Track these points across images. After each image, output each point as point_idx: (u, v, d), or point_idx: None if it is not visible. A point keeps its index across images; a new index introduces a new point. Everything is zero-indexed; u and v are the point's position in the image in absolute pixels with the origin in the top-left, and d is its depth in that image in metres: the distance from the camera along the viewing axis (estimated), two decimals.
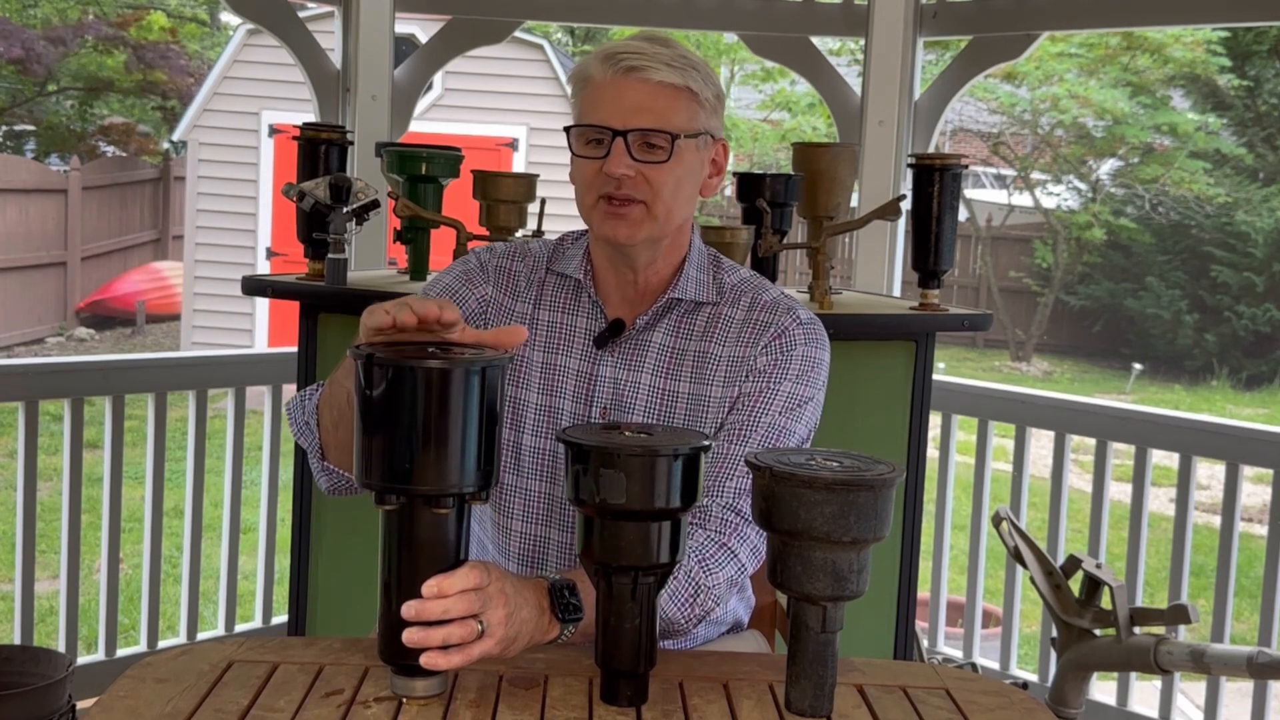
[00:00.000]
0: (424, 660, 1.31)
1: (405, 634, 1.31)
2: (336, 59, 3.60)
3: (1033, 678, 3.44)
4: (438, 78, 8.36)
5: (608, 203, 1.64)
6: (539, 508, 1.71)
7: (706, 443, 1.35)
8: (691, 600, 1.56)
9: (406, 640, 1.31)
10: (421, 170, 2.88)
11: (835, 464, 1.32)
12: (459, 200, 3.08)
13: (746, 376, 1.68)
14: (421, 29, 8.15)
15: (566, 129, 1.66)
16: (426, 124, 8.97)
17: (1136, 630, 2.06)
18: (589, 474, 1.30)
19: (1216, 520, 3.41)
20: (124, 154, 15.27)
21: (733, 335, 1.70)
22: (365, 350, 1.31)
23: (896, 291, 3.59)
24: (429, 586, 1.30)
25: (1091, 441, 3.41)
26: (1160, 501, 6.21)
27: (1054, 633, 2.22)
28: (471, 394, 1.30)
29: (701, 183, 1.70)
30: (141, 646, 3.37)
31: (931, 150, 3.66)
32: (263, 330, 10.25)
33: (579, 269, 1.73)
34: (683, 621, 1.57)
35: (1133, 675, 3.31)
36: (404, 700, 1.35)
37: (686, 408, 1.69)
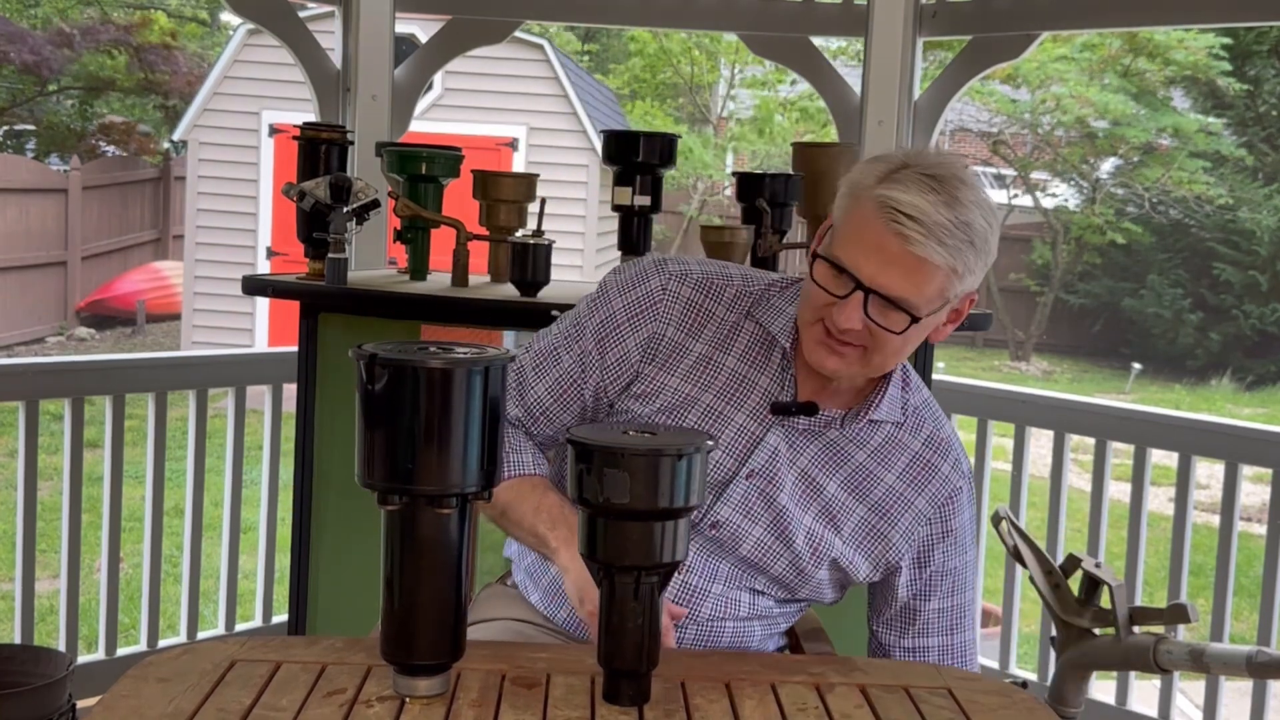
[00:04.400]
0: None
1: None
2: (336, 59, 3.60)
3: (1032, 677, 3.44)
4: (438, 78, 8.36)
5: (826, 334, 1.56)
6: None
7: (710, 443, 1.35)
8: None
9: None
10: (421, 170, 2.88)
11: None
12: (459, 200, 3.08)
13: (931, 543, 1.69)
14: (421, 29, 8.15)
15: (815, 254, 1.56)
16: (426, 124, 8.97)
17: (1136, 629, 2.06)
18: (593, 473, 1.30)
19: (1216, 520, 3.41)
20: (124, 154, 15.26)
21: (902, 465, 1.68)
22: (368, 350, 1.31)
23: None
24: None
25: (1091, 441, 3.41)
26: (1160, 501, 6.21)
27: (1053, 632, 2.22)
28: (474, 393, 1.30)
29: (934, 330, 1.61)
30: (142, 646, 3.37)
31: (931, 150, 3.66)
32: (263, 330, 10.25)
33: (785, 332, 1.64)
34: None
35: (1132, 674, 3.31)
36: (406, 699, 1.35)
37: (825, 507, 1.66)
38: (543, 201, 2.89)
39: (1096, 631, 2.13)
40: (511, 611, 1.76)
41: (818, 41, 3.76)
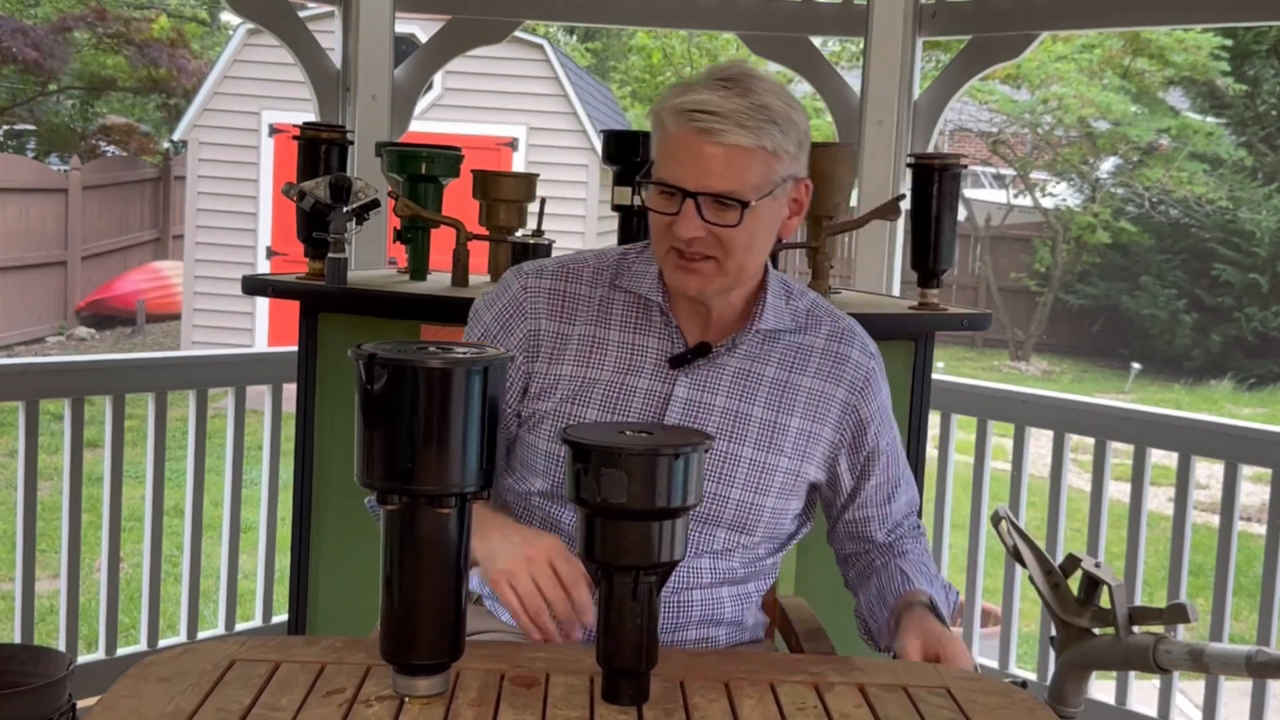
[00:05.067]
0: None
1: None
2: (336, 59, 3.60)
3: (1032, 676, 3.44)
4: (438, 77, 8.35)
5: (679, 255, 1.61)
6: None
7: (707, 442, 1.35)
8: (945, 593, 1.74)
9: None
10: (421, 170, 2.89)
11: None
12: (459, 200, 3.08)
13: (860, 428, 1.75)
14: (421, 29, 8.15)
15: (637, 181, 1.63)
16: (426, 124, 8.97)
17: (1135, 629, 2.06)
18: (590, 473, 1.30)
19: (1215, 519, 3.41)
20: (124, 153, 15.27)
21: (812, 365, 1.74)
22: (367, 350, 1.31)
23: (896, 291, 3.59)
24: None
25: (1090, 441, 3.41)
26: (1159, 501, 6.21)
27: (1053, 632, 2.22)
28: (473, 393, 1.30)
29: (780, 224, 1.67)
30: (142, 646, 3.37)
31: (931, 150, 3.67)
32: (263, 330, 10.25)
33: (654, 289, 1.70)
34: (948, 610, 1.72)
35: (1132, 674, 3.31)
36: (406, 699, 1.35)
37: (759, 432, 1.70)
38: (542, 201, 2.89)
39: (1096, 631, 2.13)
40: (492, 624, 1.77)
41: (817, 42, 3.77)
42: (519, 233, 2.86)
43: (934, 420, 3.32)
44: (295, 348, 2.86)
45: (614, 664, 1.36)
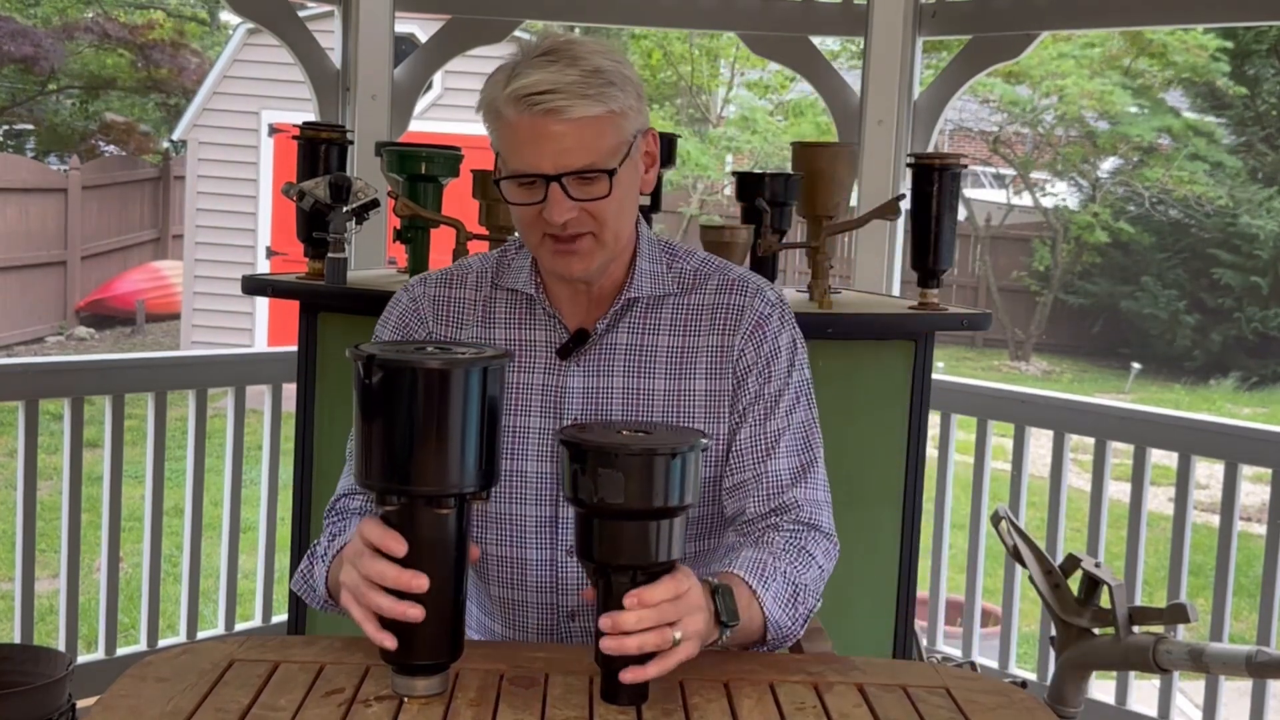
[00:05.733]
0: (624, 676, 1.33)
1: (602, 643, 1.32)
2: (336, 58, 3.60)
3: (1031, 676, 3.44)
4: (437, 77, 8.35)
5: (554, 241, 1.57)
6: (512, 531, 1.65)
7: (706, 441, 1.35)
8: (793, 600, 1.56)
9: (603, 648, 1.32)
10: (421, 169, 2.88)
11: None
12: (459, 200, 3.08)
13: (743, 373, 1.64)
14: (421, 29, 8.15)
15: (496, 180, 1.58)
16: (426, 123, 8.97)
17: (1135, 629, 2.06)
18: (587, 474, 1.30)
19: (1215, 519, 3.41)
20: (124, 153, 15.27)
21: (705, 323, 1.66)
22: (366, 350, 1.31)
23: (896, 291, 3.59)
24: (629, 598, 1.31)
25: (1090, 441, 3.41)
26: (1159, 501, 6.21)
27: (1053, 632, 2.22)
28: (472, 393, 1.30)
29: (640, 182, 1.63)
30: (141, 645, 3.37)
31: (930, 150, 3.67)
32: (263, 330, 10.25)
33: (529, 282, 1.66)
34: (789, 624, 1.56)
35: (1132, 674, 3.31)
36: (405, 699, 1.35)
37: (665, 404, 1.65)
38: None
39: (1096, 631, 2.13)
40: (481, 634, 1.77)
41: (817, 42, 3.77)
42: (518, 233, 2.86)
43: (934, 420, 3.32)
44: (295, 348, 2.86)
45: (612, 664, 1.35)
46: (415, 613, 1.31)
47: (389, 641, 1.33)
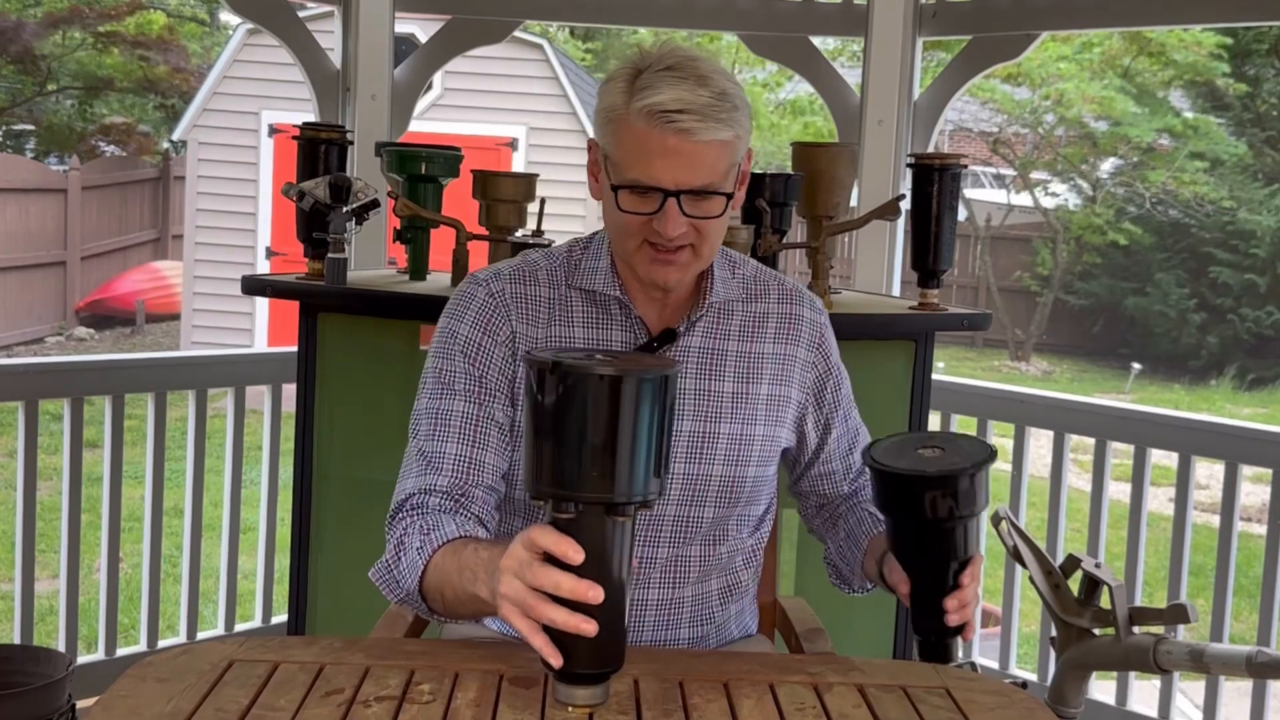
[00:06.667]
0: (967, 634, 1.64)
1: (957, 615, 1.60)
2: (336, 59, 3.60)
3: (1032, 677, 3.44)
4: (437, 77, 8.36)
5: (654, 249, 1.61)
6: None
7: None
8: None
9: (962, 619, 1.61)
10: (421, 170, 2.89)
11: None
12: (459, 200, 3.08)
13: (819, 383, 1.80)
14: (421, 29, 8.15)
15: (615, 187, 1.59)
16: (426, 124, 8.97)
17: (1136, 630, 2.06)
18: (947, 495, 1.64)
19: (1215, 520, 3.41)
20: (124, 153, 15.26)
21: (770, 330, 1.77)
22: (550, 357, 1.29)
23: (896, 291, 3.59)
24: (966, 576, 1.61)
25: (1090, 441, 3.41)
26: (1159, 501, 6.20)
27: (1053, 632, 2.22)
28: (656, 401, 1.29)
29: (735, 199, 1.67)
30: (141, 646, 3.37)
31: (931, 150, 3.67)
32: (263, 330, 10.25)
33: (611, 284, 1.69)
34: None
35: (1132, 674, 3.31)
36: (405, 700, 1.35)
37: (732, 407, 1.72)
38: (542, 201, 2.89)
39: (1096, 631, 2.13)
40: (482, 633, 1.76)
41: (817, 42, 3.77)
42: (519, 233, 2.86)
43: (934, 420, 3.32)
44: (295, 348, 2.86)
45: (945, 635, 1.62)
46: (589, 627, 1.29)
47: (558, 659, 1.31)
